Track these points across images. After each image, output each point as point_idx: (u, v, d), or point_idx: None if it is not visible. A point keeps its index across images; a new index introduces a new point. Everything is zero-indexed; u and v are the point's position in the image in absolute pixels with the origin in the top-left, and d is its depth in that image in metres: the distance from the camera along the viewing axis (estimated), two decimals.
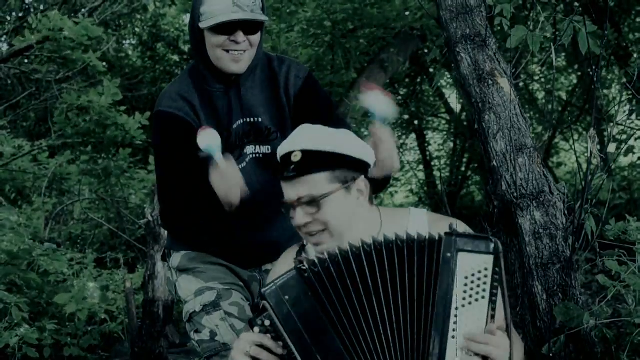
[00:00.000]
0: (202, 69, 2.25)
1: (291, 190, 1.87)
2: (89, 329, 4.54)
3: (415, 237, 1.67)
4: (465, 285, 1.62)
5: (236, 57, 2.18)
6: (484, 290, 1.61)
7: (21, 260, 4.14)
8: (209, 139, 2.07)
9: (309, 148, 1.86)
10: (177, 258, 2.37)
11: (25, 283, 4.21)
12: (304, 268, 1.68)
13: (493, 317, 1.64)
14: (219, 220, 2.25)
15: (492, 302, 1.63)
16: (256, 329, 1.70)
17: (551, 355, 2.55)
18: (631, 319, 2.49)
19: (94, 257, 5.08)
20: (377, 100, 2.08)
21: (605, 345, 2.55)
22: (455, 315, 1.61)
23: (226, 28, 2.15)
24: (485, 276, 1.62)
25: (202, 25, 2.16)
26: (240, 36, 2.16)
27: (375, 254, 1.67)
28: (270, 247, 2.37)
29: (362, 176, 1.91)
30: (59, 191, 6.64)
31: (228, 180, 2.04)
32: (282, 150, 1.91)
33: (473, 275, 1.62)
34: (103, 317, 4.61)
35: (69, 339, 4.36)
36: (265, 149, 2.30)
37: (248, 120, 2.28)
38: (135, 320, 4.56)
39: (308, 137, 1.89)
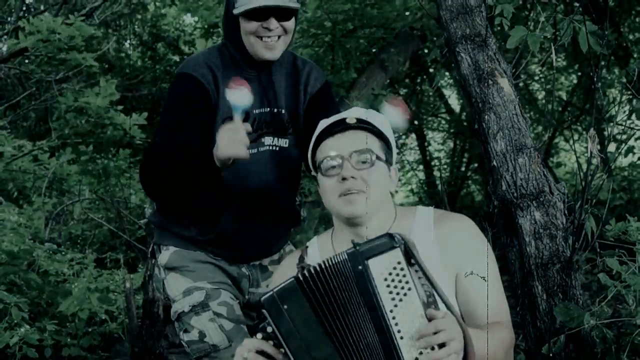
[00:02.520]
0: (233, 53, 2.26)
1: (346, 143, 1.89)
2: (89, 329, 4.54)
3: (333, 261, 1.68)
4: (388, 286, 1.64)
5: (269, 44, 2.19)
6: (407, 283, 1.63)
7: (21, 260, 4.14)
8: (239, 97, 2.03)
9: (364, 118, 1.93)
10: (165, 255, 2.35)
11: (25, 283, 4.21)
12: (301, 278, 1.69)
13: (432, 298, 1.65)
14: (214, 205, 2.25)
15: (424, 290, 1.65)
16: (258, 335, 1.71)
17: (551, 355, 2.55)
18: (632, 319, 2.49)
19: (94, 257, 5.08)
20: (391, 112, 2.08)
21: (605, 345, 2.55)
22: (393, 317, 1.63)
23: (259, 14, 2.17)
24: (402, 269, 1.64)
25: (235, 11, 2.18)
26: (272, 23, 2.18)
27: (336, 270, 1.68)
28: (262, 243, 2.38)
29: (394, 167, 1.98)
30: (59, 191, 6.64)
31: (235, 136, 1.98)
32: (333, 118, 1.94)
33: (390, 274, 1.64)
34: (103, 317, 4.61)
35: (69, 339, 4.35)
36: (283, 142, 2.31)
37: (272, 110, 2.29)
38: (135, 320, 4.56)
39: (363, 111, 1.96)
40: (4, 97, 7.19)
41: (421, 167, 10.50)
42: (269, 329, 1.70)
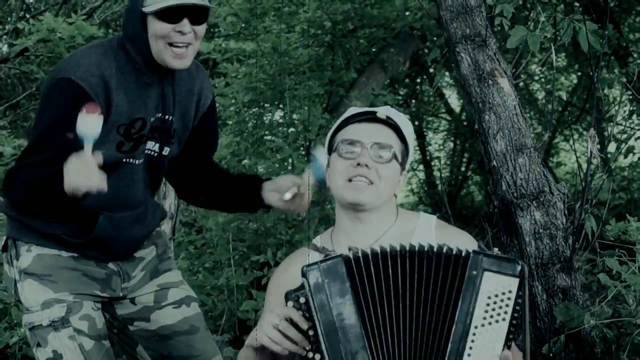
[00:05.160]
0: (135, 55, 2.07)
1: (370, 133, 1.92)
2: None
3: (443, 250, 1.68)
4: (487, 305, 1.62)
5: (179, 53, 2.03)
6: (505, 313, 1.61)
7: None
8: (89, 126, 1.84)
9: (394, 118, 1.96)
10: (27, 259, 2.14)
11: None
12: (350, 257, 1.68)
13: (512, 340, 1.64)
14: (89, 210, 2.09)
15: (512, 325, 1.63)
16: (290, 303, 1.70)
17: (551, 355, 2.55)
18: (632, 319, 2.49)
19: None
20: (324, 159, 2.08)
21: (606, 345, 2.55)
22: (474, 334, 1.61)
23: (172, 15, 1.99)
24: (509, 299, 1.62)
25: (146, 9, 1.99)
26: (186, 26, 2.01)
27: (408, 259, 1.68)
28: (134, 243, 2.29)
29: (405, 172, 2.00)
30: None
31: (84, 168, 1.81)
32: (364, 109, 1.99)
33: (496, 296, 1.62)
34: None
35: None
36: (165, 150, 2.21)
37: (164, 116, 2.17)
38: None
39: (394, 112, 2.00)
40: (4, 97, 7.19)
41: (421, 167, 10.50)
42: (302, 300, 1.68)
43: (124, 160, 2.12)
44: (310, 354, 1.68)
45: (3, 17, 7.51)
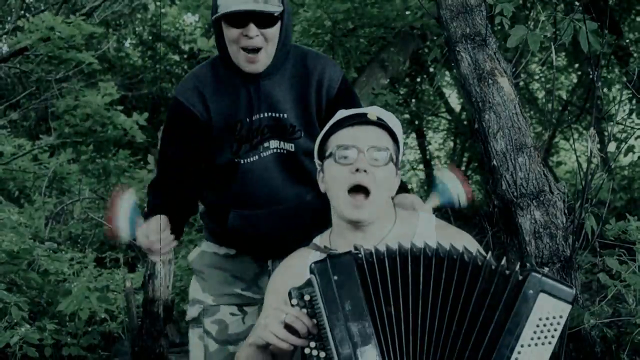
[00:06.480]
0: (224, 60, 2.22)
1: (365, 137, 1.89)
2: (89, 328, 4.54)
3: (484, 259, 1.66)
4: (537, 326, 1.62)
5: (251, 57, 2.13)
6: (552, 337, 1.62)
7: (21, 260, 4.14)
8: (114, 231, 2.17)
9: (385, 119, 1.94)
10: (193, 254, 2.44)
11: (26, 282, 4.21)
12: (360, 254, 1.67)
13: None
14: (221, 205, 2.28)
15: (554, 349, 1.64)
16: (294, 301, 1.69)
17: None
18: (632, 318, 2.49)
19: (94, 257, 5.08)
20: (455, 186, 2.15)
21: (606, 345, 2.55)
22: (519, 352, 1.61)
23: (238, 20, 2.09)
24: (558, 323, 1.63)
25: (214, 16, 2.13)
26: (252, 30, 2.09)
27: (435, 262, 1.67)
28: (278, 243, 2.31)
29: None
30: (59, 190, 6.64)
31: (146, 244, 2.11)
32: (353, 110, 1.97)
33: (547, 318, 1.63)
34: (103, 317, 4.61)
35: (69, 339, 4.36)
36: (289, 147, 2.25)
37: (273, 115, 2.22)
38: (136, 319, 4.56)
39: (383, 112, 1.97)
40: (4, 96, 7.20)
41: (421, 166, 10.51)
42: (306, 297, 1.68)
43: (236, 161, 2.23)
44: (315, 352, 1.67)
45: (3, 17, 7.51)
